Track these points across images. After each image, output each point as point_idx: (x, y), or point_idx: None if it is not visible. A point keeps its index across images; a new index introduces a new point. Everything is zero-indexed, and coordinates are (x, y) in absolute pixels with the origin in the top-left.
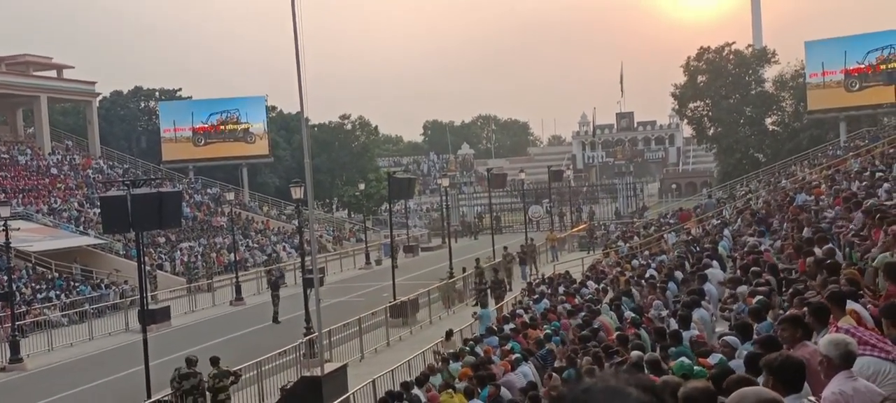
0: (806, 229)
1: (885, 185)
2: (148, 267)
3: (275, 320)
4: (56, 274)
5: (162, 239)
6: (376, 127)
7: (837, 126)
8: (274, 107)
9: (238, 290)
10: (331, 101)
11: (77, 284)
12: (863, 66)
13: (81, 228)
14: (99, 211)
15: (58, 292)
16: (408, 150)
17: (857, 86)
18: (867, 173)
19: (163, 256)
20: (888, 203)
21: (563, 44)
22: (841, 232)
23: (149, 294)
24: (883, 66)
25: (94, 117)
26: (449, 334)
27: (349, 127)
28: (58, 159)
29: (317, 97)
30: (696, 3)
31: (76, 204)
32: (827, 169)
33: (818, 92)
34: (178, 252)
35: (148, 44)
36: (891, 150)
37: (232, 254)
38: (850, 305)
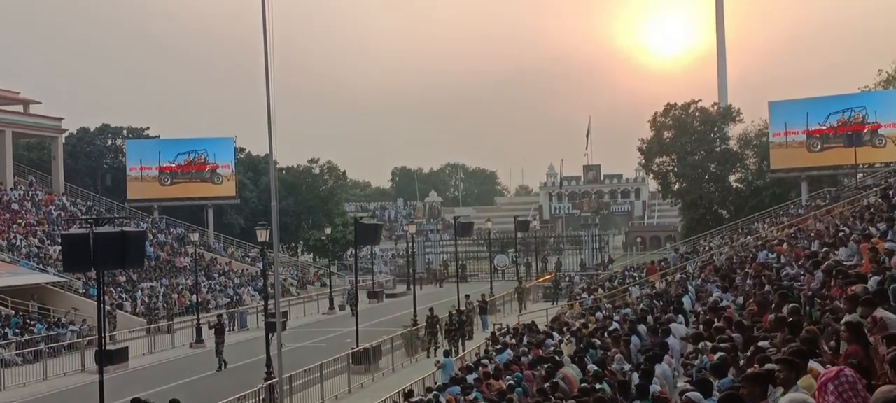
0: (767, 286)
1: (844, 246)
2: (108, 307)
3: (222, 366)
4: (12, 312)
5: (123, 279)
6: (344, 172)
7: (799, 185)
8: (242, 149)
9: (198, 332)
10: (299, 144)
11: (33, 322)
12: (824, 127)
13: (41, 265)
14: (60, 248)
15: (14, 330)
16: (375, 196)
17: (819, 146)
18: (829, 232)
19: (123, 296)
20: (848, 263)
21: (533, 95)
22: (802, 291)
23: (107, 334)
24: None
25: (59, 153)
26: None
27: (317, 171)
28: (20, 194)
29: (286, 140)
30: (664, 59)
31: (37, 241)
32: (788, 227)
33: (781, 151)
34: (140, 291)
35: (117, 82)
36: (850, 210)
37: (194, 295)
38: (812, 364)
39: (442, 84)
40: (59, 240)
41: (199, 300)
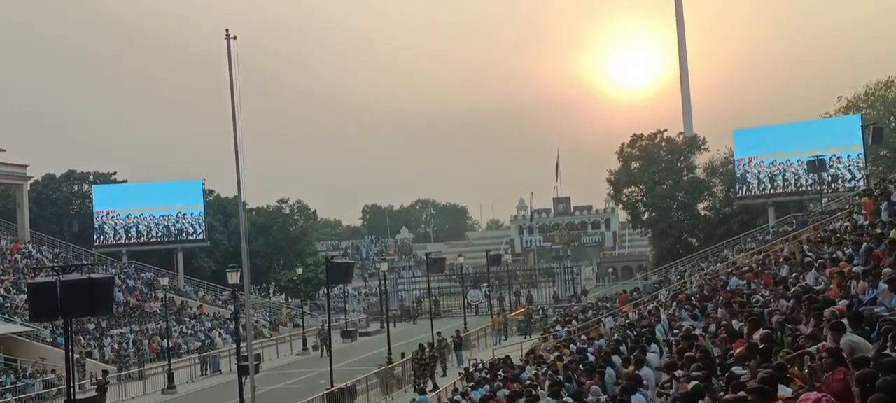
0: (738, 314)
1: (813, 271)
2: (76, 355)
3: None
4: None
5: (91, 326)
6: (315, 211)
7: (766, 211)
8: (211, 191)
9: (170, 378)
10: (268, 184)
11: None
12: (788, 154)
13: (7, 315)
14: (26, 297)
15: None
16: (347, 234)
17: (784, 173)
18: (797, 257)
19: (92, 343)
20: (817, 287)
21: (502, 130)
22: (772, 316)
23: (76, 383)
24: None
25: (24, 201)
26: None
27: (287, 211)
28: None
29: (254, 180)
30: (630, 90)
31: (2, 291)
32: (757, 253)
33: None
34: (109, 338)
35: (83, 126)
36: (817, 235)
37: (165, 341)
38: (782, 390)
39: (411, 121)
40: (26, 289)
41: (171, 345)
